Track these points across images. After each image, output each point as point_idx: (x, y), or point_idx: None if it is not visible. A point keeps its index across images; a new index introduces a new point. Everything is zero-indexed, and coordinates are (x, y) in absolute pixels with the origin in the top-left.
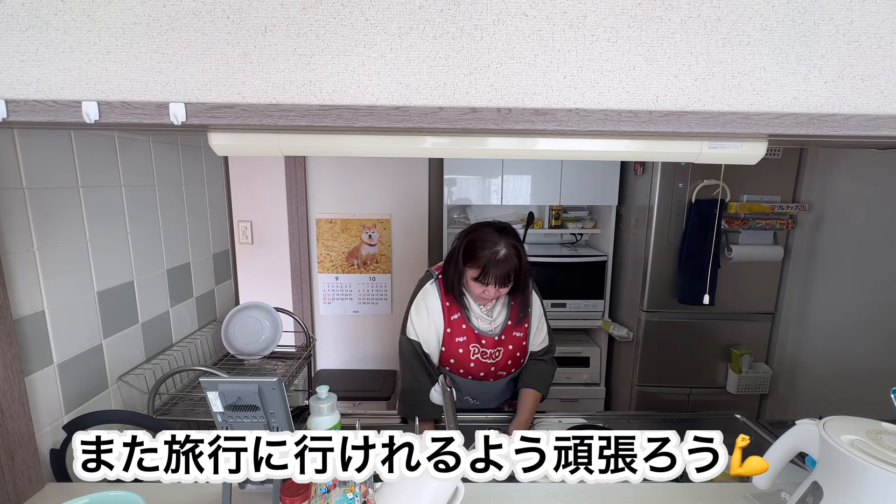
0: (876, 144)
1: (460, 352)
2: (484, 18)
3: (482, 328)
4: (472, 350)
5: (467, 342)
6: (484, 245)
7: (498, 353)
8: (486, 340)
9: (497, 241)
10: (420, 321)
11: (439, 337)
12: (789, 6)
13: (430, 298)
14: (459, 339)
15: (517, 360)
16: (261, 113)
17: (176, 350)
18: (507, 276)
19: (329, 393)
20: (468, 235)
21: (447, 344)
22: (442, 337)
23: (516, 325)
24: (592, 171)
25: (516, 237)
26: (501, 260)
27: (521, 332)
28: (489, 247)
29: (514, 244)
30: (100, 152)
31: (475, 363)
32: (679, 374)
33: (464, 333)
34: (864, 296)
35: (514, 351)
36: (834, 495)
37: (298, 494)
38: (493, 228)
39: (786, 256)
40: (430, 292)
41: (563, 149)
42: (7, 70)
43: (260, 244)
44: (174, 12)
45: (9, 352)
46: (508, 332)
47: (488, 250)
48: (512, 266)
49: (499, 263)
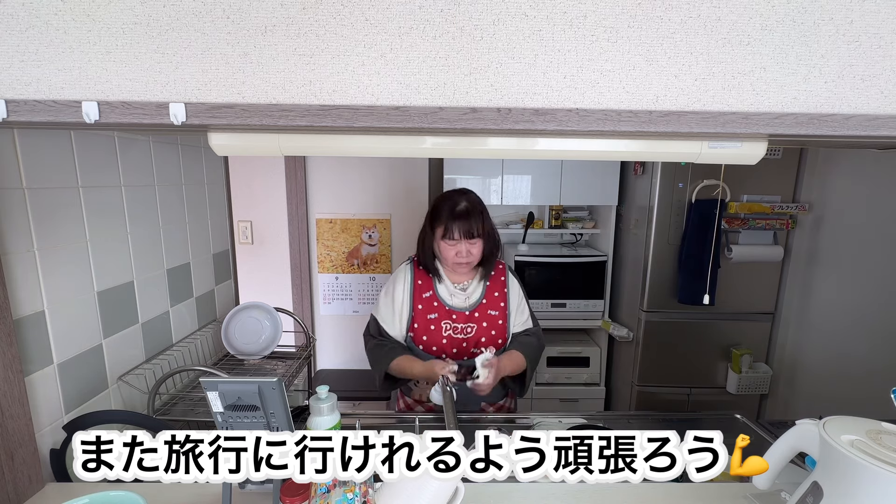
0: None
1: (431, 328)
2: (484, 18)
3: (454, 304)
4: (443, 326)
5: (438, 318)
6: (445, 203)
7: (470, 328)
8: (458, 315)
9: (457, 198)
10: (387, 301)
11: (403, 315)
12: (789, 6)
13: (400, 279)
14: (431, 316)
15: (492, 339)
16: (261, 113)
17: (176, 350)
18: (469, 228)
19: (329, 393)
20: (433, 203)
21: (419, 321)
22: (409, 315)
23: (492, 304)
24: (592, 171)
25: (477, 197)
26: (462, 211)
27: (497, 312)
28: (449, 202)
29: (474, 200)
30: (100, 152)
31: (447, 339)
32: (679, 374)
33: (435, 310)
34: (864, 296)
35: (488, 329)
36: (834, 495)
37: (298, 494)
38: (455, 191)
39: (786, 256)
40: (402, 273)
41: (563, 149)
42: (7, 70)
43: (260, 244)
44: (174, 12)
45: (9, 352)
46: (482, 310)
47: (449, 203)
48: (474, 218)
49: (460, 215)
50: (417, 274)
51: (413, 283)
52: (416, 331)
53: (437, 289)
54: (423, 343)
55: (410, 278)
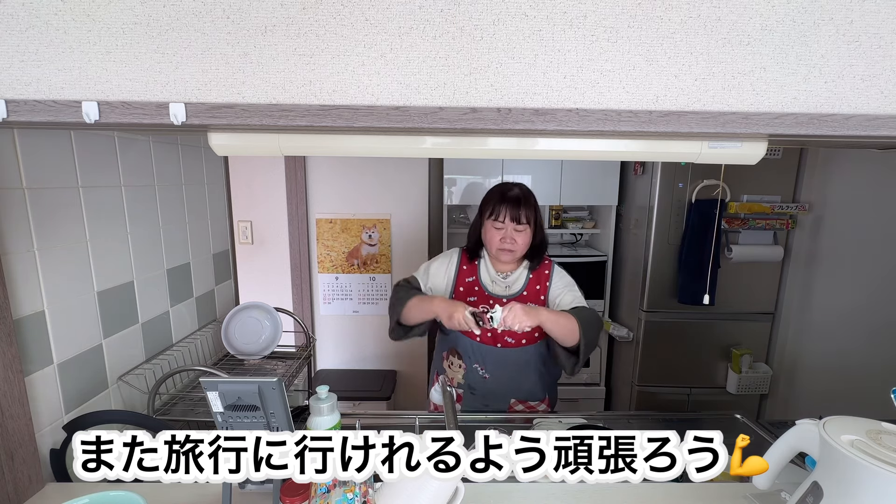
0: (876, 144)
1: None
2: (484, 18)
3: (495, 291)
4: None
5: (477, 303)
6: (499, 188)
7: None
8: (495, 301)
9: (511, 185)
10: (431, 271)
11: (448, 290)
12: (789, 6)
13: (446, 259)
14: (470, 299)
15: (530, 333)
16: (261, 113)
17: (176, 350)
18: (517, 213)
19: (329, 393)
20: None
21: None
22: (451, 293)
23: (532, 297)
24: (592, 171)
25: (530, 191)
26: (513, 197)
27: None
28: (503, 187)
29: (527, 191)
30: (100, 152)
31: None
32: (679, 374)
33: (475, 294)
34: (864, 296)
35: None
36: (834, 495)
37: (298, 494)
38: (510, 182)
39: (786, 256)
40: (452, 254)
41: (563, 149)
42: (7, 70)
43: (260, 244)
44: (174, 12)
45: (9, 352)
46: (522, 301)
47: (502, 188)
48: (523, 203)
49: (510, 199)
50: (464, 260)
51: (458, 266)
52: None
53: (480, 275)
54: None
55: (457, 261)
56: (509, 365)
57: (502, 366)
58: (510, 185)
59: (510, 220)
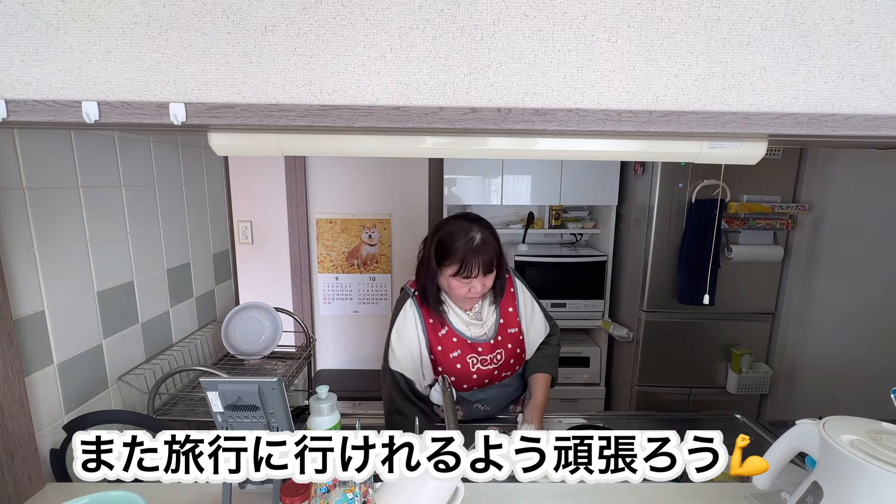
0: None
1: (458, 367)
2: (484, 18)
3: (475, 335)
4: (470, 362)
5: (463, 355)
6: (457, 237)
7: (499, 356)
8: (483, 347)
9: (469, 229)
10: (402, 350)
11: (424, 361)
12: (789, 6)
13: (410, 322)
14: (454, 355)
15: (519, 358)
16: (261, 113)
17: (176, 350)
18: (490, 262)
19: (329, 393)
20: (436, 235)
21: (442, 363)
22: (429, 359)
23: (508, 321)
24: (592, 171)
25: (485, 221)
26: (480, 245)
27: (516, 328)
28: (463, 236)
29: (488, 227)
30: (100, 152)
31: (477, 374)
32: (679, 374)
33: (457, 347)
34: (864, 296)
35: (513, 349)
36: (834, 495)
37: (298, 494)
38: (460, 218)
39: (786, 256)
40: (410, 315)
41: (563, 149)
42: (7, 70)
43: (260, 244)
44: (174, 12)
45: (9, 352)
46: (503, 331)
47: (463, 240)
48: (492, 249)
49: (478, 249)
50: (425, 312)
51: (424, 322)
52: (441, 373)
53: (452, 322)
54: (453, 384)
55: (420, 318)
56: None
57: (503, 395)
58: (469, 228)
59: (483, 272)
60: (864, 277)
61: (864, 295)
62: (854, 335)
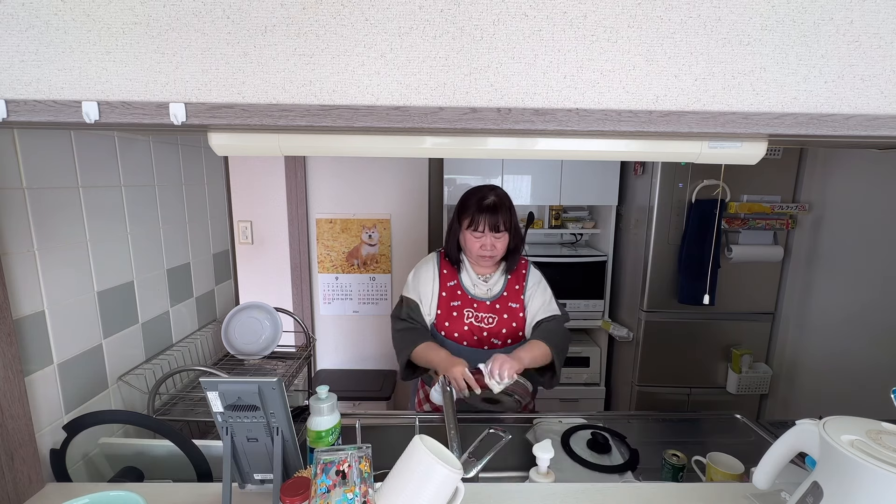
0: (876, 144)
1: (454, 315)
2: (484, 18)
3: (477, 294)
4: (465, 314)
5: (461, 306)
6: (474, 195)
7: (491, 318)
8: (479, 304)
9: (486, 191)
10: (415, 283)
11: (434, 299)
12: (789, 6)
13: (430, 265)
14: (454, 304)
15: (513, 331)
16: (261, 113)
17: (176, 350)
18: (496, 221)
19: (329, 393)
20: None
21: (442, 307)
22: (437, 299)
23: (512, 297)
24: (592, 171)
25: (505, 193)
26: (490, 205)
27: (518, 305)
28: (478, 195)
29: (503, 195)
30: (100, 152)
31: (469, 327)
32: (679, 374)
33: (458, 298)
34: (864, 296)
35: (509, 321)
36: (834, 495)
37: (298, 494)
38: (485, 186)
39: (786, 256)
40: (429, 260)
41: (563, 149)
42: (7, 70)
43: (260, 244)
44: (174, 12)
45: (9, 352)
46: (503, 302)
47: (476, 198)
48: (501, 212)
49: (487, 208)
50: (443, 264)
51: (439, 271)
52: (438, 317)
53: (461, 278)
54: (444, 329)
55: (437, 266)
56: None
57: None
58: (485, 191)
59: (489, 230)
60: (864, 277)
61: (864, 295)
62: (854, 335)
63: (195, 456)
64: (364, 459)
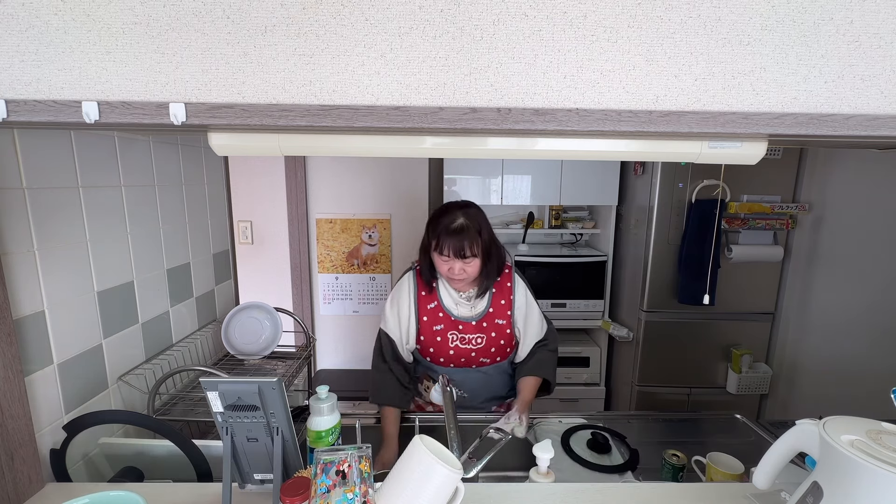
0: (876, 144)
1: (438, 339)
2: (484, 18)
3: (460, 314)
4: (450, 337)
5: (444, 330)
6: (442, 217)
7: (479, 339)
8: (464, 326)
9: (455, 213)
10: (393, 314)
11: (411, 327)
12: (789, 6)
13: (404, 290)
14: (437, 328)
15: (502, 349)
16: (261, 113)
17: (176, 350)
18: (461, 247)
19: (329, 393)
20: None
21: (424, 333)
22: (416, 327)
23: (498, 313)
24: (592, 171)
25: (478, 211)
26: (456, 229)
27: (504, 321)
28: (446, 218)
29: (473, 215)
30: (100, 152)
31: (455, 350)
32: (679, 374)
33: (440, 321)
34: (864, 296)
35: (497, 339)
36: (834, 495)
37: (298, 494)
38: (456, 205)
39: (786, 256)
40: (405, 283)
41: (563, 149)
42: (7, 70)
43: (260, 244)
44: (174, 12)
45: (9, 352)
46: (490, 319)
47: (445, 220)
48: (468, 237)
49: (452, 232)
50: (421, 284)
51: (417, 293)
52: (422, 343)
53: (442, 298)
54: (430, 355)
55: (414, 289)
56: (486, 381)
57: (480, 383)
58: (454, 212)
59: (453, 255)
60: (865, 277)
61: (864, 294)
62: (854, 335)
63: (195, 456)
64: (364, 459)
